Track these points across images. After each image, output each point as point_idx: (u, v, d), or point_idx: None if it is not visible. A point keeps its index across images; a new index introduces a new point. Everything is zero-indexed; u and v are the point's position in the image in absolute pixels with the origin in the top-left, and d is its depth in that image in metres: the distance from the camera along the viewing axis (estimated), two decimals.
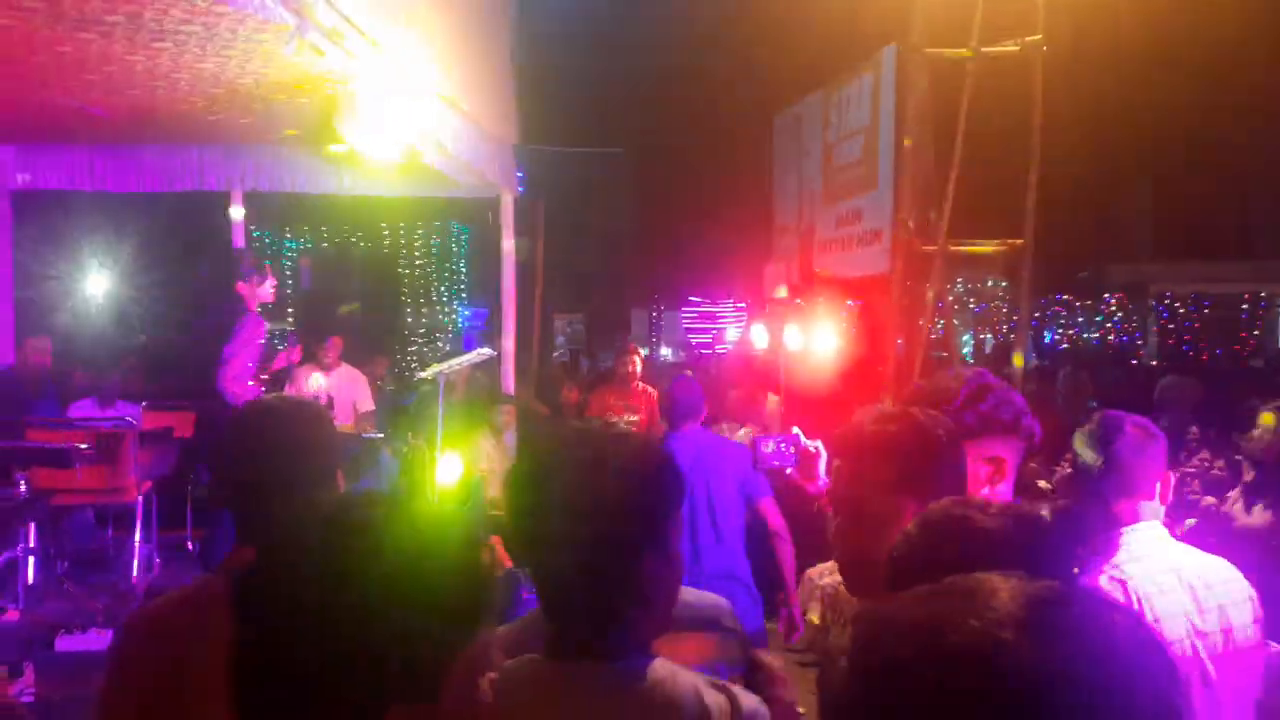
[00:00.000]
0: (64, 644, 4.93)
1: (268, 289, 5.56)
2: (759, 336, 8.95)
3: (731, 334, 17.86)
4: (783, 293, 10.10)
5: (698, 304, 20.03)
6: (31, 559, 5.59)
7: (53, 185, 7.77)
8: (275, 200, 8.68)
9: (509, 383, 7.94)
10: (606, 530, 1.30)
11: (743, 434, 6.10)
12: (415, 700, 0.97)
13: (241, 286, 5.47)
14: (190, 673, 1.58)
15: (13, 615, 5.22)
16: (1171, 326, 22.40)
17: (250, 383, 5.47)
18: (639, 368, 7.65)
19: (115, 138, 7.47)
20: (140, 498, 6.16)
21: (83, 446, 5.69)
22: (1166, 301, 22.45)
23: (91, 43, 4.93)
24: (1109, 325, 23.40)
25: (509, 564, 5.31)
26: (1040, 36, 6.74)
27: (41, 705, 4.32)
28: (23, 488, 5.35)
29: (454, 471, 5.76)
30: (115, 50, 5.07)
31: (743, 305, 17.39)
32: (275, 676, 0.97)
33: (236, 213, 8.04)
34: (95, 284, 8.14)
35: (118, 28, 4.67)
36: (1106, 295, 23.22)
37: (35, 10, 4.46)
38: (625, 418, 6.76)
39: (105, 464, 5.86)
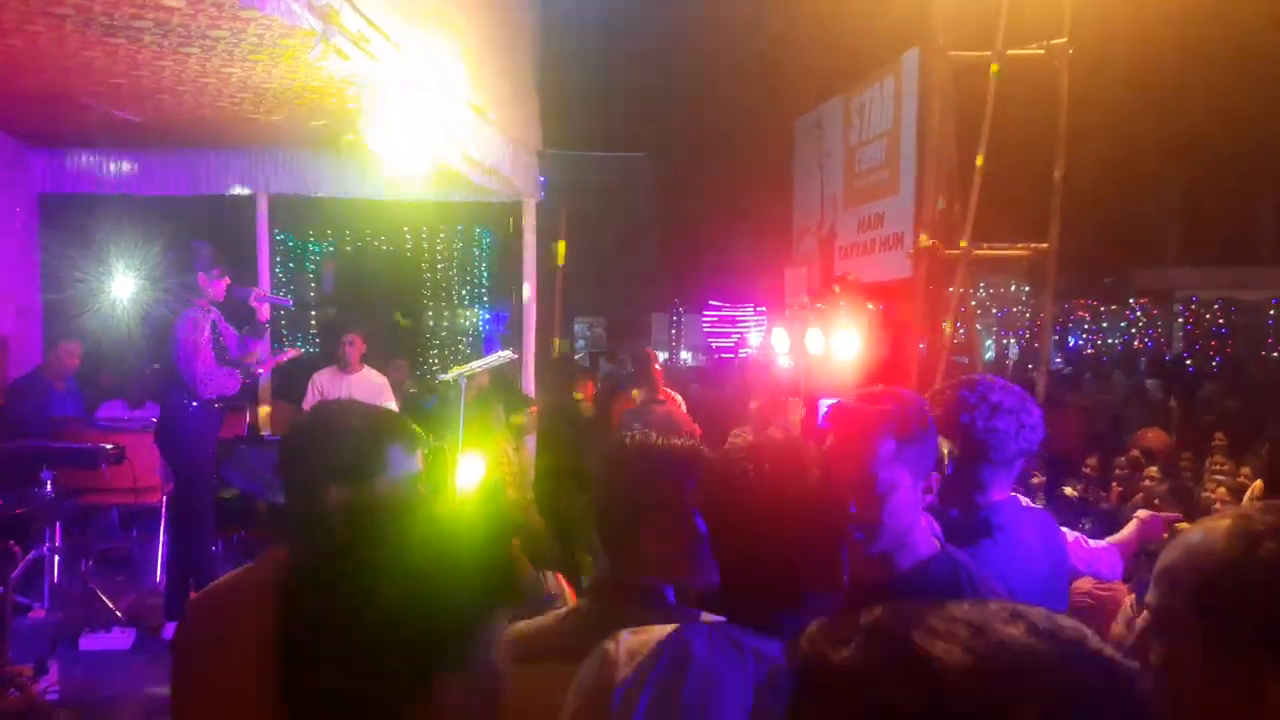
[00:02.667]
0: (88, 643, 4.99)
1: (221, 288, 5.63)
2: (780, 341, 8.92)
3: (752, 338, 17.83)
4: (801, 298, 10.07)
5: (718, 308, 19.98)
6: (57, 558, 5.65)
7: (81, 189, 7.86)
8: (299, 204, 8.74)
9: (529, 385, 7.96)
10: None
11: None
12: (455, 668, 1.07)
13: (202, 278, 5.54)
14: (251, 649, 1.65)
15: (38, 614, 5.28)
16: (1197, 332, 22.15)
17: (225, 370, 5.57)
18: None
19: (143, 142, 7.55)
20: (164, 499, 6.21)
21: (108, 448, 5.75)
22: (1193, 307, 22.20)
23: (120, 48, 4.99)
24: (1134, 331, 23.18)
25: (529, 565, 5.32)
26: (1066, 39, 6.69)
27: (66, 703, 4.36)
28: (49, 488, 5.41)
29: (475, 473, 5.77)
30: (144, 56, 5.12)
31: (763, 309, 17.34)
32: (323, 653, 1.06)
33: (261, 217, 8.11)
34: (122, 287, 8.21)
35: (146, 33, 4.72)
36: (1131, 300, 23.00)
37: (65, 16, 4.52)
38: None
39: (130, 465, 5.92)
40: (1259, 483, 5.59)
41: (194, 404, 5.42)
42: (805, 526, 1.59)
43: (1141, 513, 4.02)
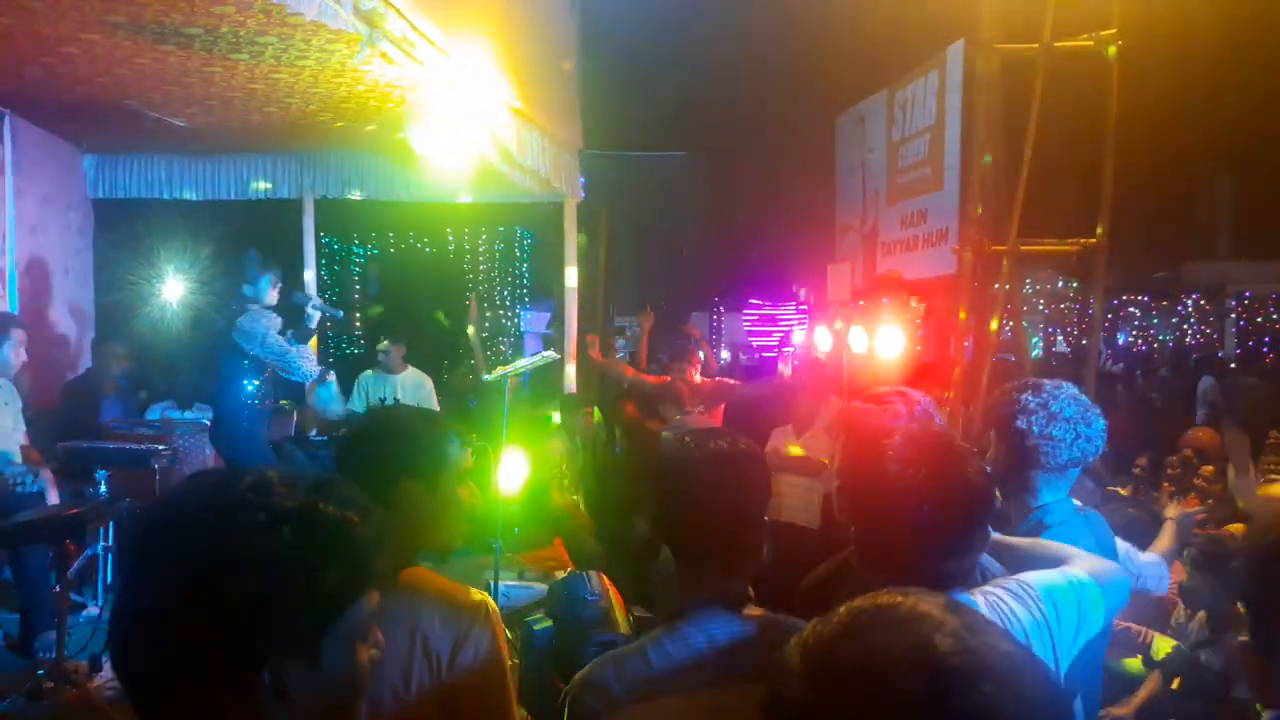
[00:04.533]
0: None
1: (274, 294, 5.67)
2: (822, 339, 8.85)
3: (795, 336, 17.70)
4: (843, 295, 9.99)
5: (759, 306, 19.88)
6: (110, 557, 5.76)
7: (133, 194, 8.02)
8: (344, 207, 8.85)
9: (570, 386, 7.98)
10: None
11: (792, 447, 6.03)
12: (295, 654, 1.01)
13: (255, 285, 5.57)
14: None
15: (92, 611, 5.38)
16: (1250, 328, 21.64)
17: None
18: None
19: (192, 147, 7.68)
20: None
21: (161, 448, 5.85)
22: (1246, 301, 21.70)
23: (170, 55, 5.08)
24: (1186, 326, 22.71)
25: (570, 565, 5.34)
26: (1115, 30, 6.56)
27: (120, 699, 4.44)
28: (103, 488, 5.51)
29: (519, 472, 5.79)
30: (193, 62, 5.21)
31: (805, 307, 17.22)
32: (152, 622, 1.00)
33: (307, 220, 8.22)
34: (173, 290, 8.37)
35: (196, 40, 4.80)
36: (1183, 295, 22.54)
37: (118, 25, 4.61)
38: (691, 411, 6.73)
39: (181, 465, 6.02)
40: None
41: (250, 403, 5.47)
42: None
43: (1171, 511, 3.95)
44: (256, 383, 5.52)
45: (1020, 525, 2.36)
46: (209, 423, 5.89)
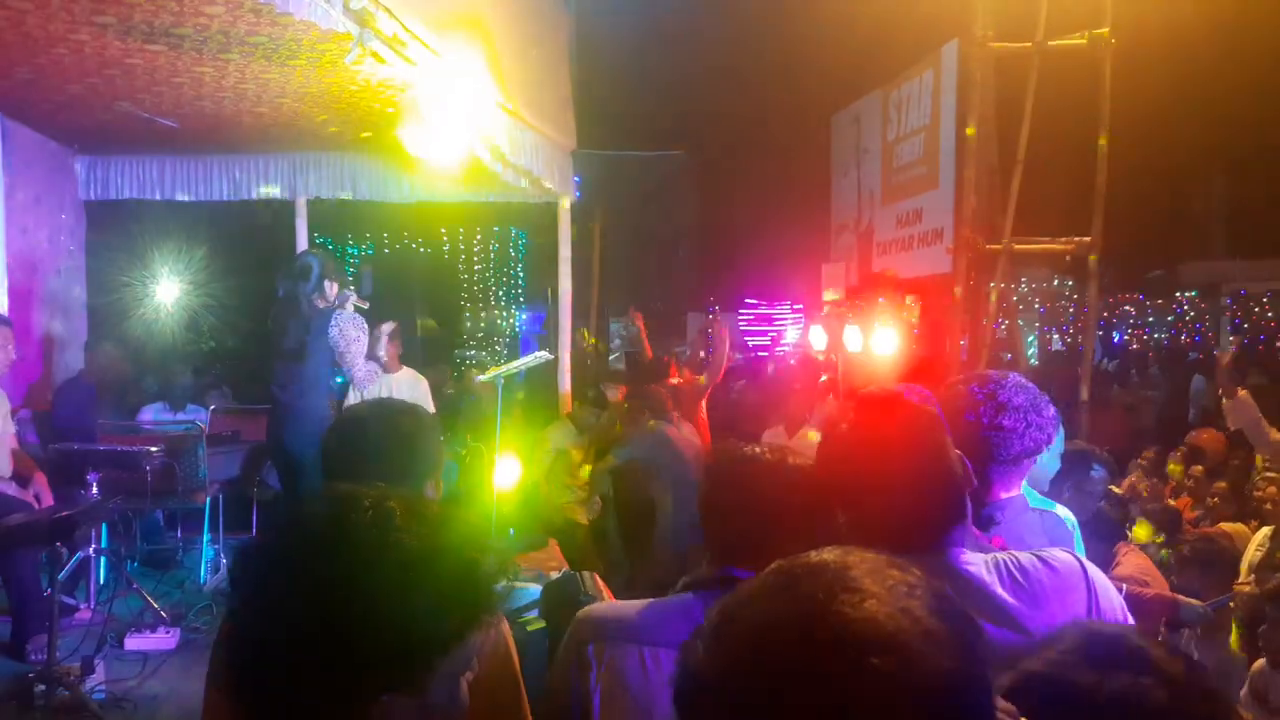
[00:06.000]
0: (133, 642, 5.05)
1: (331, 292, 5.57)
2: (817, 338, 8.85)
3: (789, 336, 17.68)
4: (832, 295, 9.99)
5: (754, 306, 19.87)
6: (103, 559, 5.74)
7: (125, 195, 7.98)
8: (337, 208, 8.82)
9: (564, 385, 7.96)
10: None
11: (813, 436, 6.03)
12: (402, 691, 0.99)
13: (328, 284, 5.41)
14: None
15: (84, 614, 5.35)
16: (1246, 326, 21.67)
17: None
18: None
19: (184, 147, 7.65)
20: (208, 500, 6.29)
21: (153, 450, 5.82)
22: (1241, 299, 21.72)
23: (160, 55, 5.05)
24: (1181, 325, 22.74)
25: (565, 565, 5.32)
26: (1108, 29, 6.56)
27: (112, 702, 4.42)
28: (94, 490, 5.49)
29: (512, 474, 5.78)
30: (184, 62, 5.19)
31: (800, 307, 17.22)
32: (267, 655, 0.98)
33: (300, 221, 8.19)
34: (166, 291, 8.34)
35: (186, 40, 4.78)
36: (1179, 294, 22.56)
37: (107, 25, 4.59)
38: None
39: (174, 467, 6.00)
40: None
41: (321, 402, 5.32)
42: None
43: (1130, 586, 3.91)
44: (337, 381, 5.45)
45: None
46: (279, 416, 5.44)
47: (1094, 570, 1.75)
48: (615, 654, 1.75)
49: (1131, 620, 1.79)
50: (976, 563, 1.71)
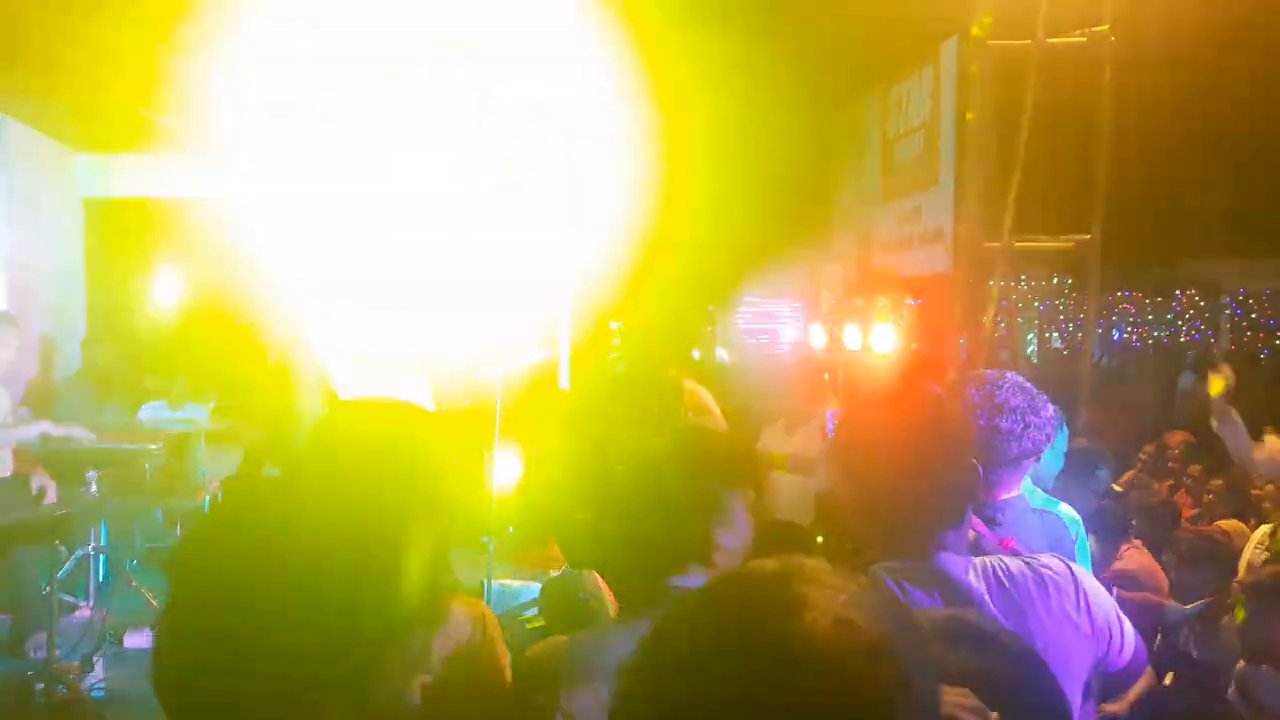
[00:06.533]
0: (132, 640, 5.05)
1: None
2: (816, 337, 8.85)
3: (789, 334, 17.67)
4: (832, 293, 9.99)
5: (754, 304, 19.87)
6: (102, 557, 5.73)
7: (125, 193, 7.96)
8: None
9: (565, 386, 7.95)
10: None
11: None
12: (343, 696, 0.95)
13: None
14: None
15: (84, 612, 5.35)
16: (1245, 325, 21.66)
17: None
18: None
19: (185, 146, 7.63)
20: (207, 498, 6.28)
21: (152, 448, 5.82)
22: (1240, 298, 21.72)
23: (160, 52, 5.04)
24: (1180, 324, 22.73)
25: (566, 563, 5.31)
26: (1107, 26, 6.56)
27: (111, 699, 4.42)
28: (94, 488, 5.48)
29: (511, 470, 5.77)
30: (185, 60, 5.18)
31: (799, 305, 17.22)
32: (200, 654, 0.95)
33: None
34: (165, 289, 8.33)
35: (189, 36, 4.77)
36: (1178, 292, 22.56)
37: (109, 23, 4.58)
38: None
39: (173, 465, 5.99)
40: None
41: None
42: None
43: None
44: None
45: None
46: None
47: (1083, 574, 1.75)
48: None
49: (1126, 622, 1.79)
50: (965, 568, 1.70)
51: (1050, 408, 2.33)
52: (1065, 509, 2.55)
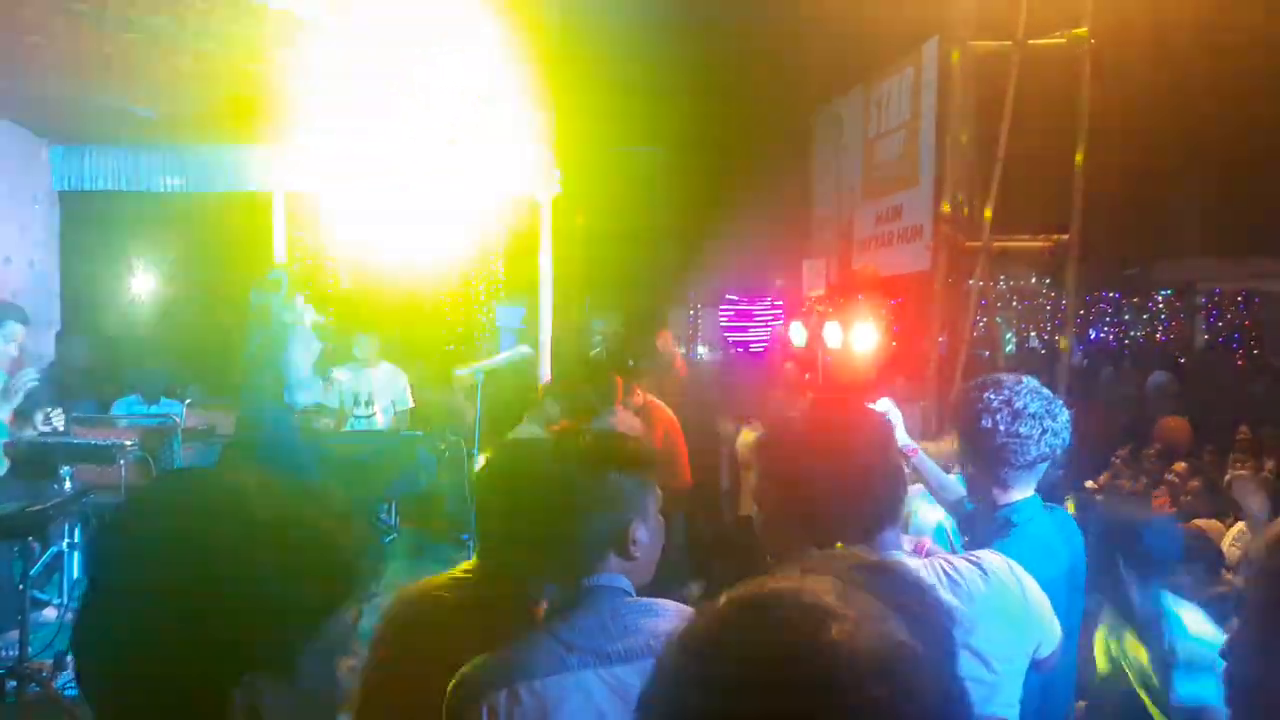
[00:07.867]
0: None
1: None
2: (797, 335, 8.87)
3: (769, 332, 17.73)
4: (818, 291, 10.01)
5: (735, 302, 19.91)
6: (75, 554, 5.67)
7: (99, 186, 7.87)
8: (315, 200, 8.74)
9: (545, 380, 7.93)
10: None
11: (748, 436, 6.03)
12: (267, 671, 0.95)
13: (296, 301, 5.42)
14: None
15: (51, 612, 5.30)
16: (1220, 324, 21.90)
17: None
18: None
19: (160, 138, 7.56)
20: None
21: (126, 443, 5.76)
22: (1216, 299, 21.95)
23: (136, 44, 4.99)
24: (1157, 323, 22.96)
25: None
26: (1086, 29, 6.60)
27: (84, 698, 4.37)
28: (67, 484, 5.42)
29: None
30: (159, 51, 5.13)
31: (780, 303, 17.27)
32: (117, 634, 0.95)
33: (278, 213, 8.11)
34: (141, 283, 8.25)
35: (163, 30, 4.72)
36: (1154, 292, 22.78)
37: (82, 14, 4.52)
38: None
39: (148, 461, 5.93)
40: None
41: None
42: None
43: None
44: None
45: (987, 525, 2.34)
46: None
47: (1020, 570, 1.87)
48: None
49: (1056, 621, 1.90)
50: (916, 564, 1.78)
51: (1065, 412, 2.36)
52: (1069, 507, 2.67)
